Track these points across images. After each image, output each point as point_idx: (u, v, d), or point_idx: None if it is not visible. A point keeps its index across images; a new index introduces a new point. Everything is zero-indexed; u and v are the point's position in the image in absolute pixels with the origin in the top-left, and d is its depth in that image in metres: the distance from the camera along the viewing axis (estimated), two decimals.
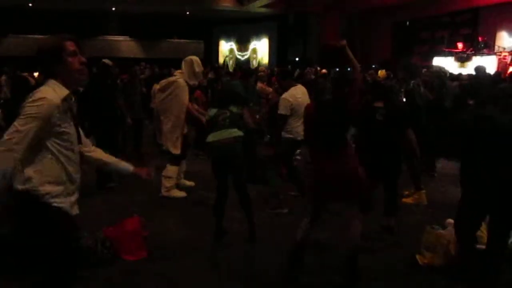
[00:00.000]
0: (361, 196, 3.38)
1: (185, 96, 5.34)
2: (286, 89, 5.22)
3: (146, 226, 3.99)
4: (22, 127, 2.04)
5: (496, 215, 3.11)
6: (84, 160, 2.44)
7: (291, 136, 5.13)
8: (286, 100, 5.09)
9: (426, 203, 5.26)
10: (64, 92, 2.17)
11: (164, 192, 5.41)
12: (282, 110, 5.10)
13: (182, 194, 5.51)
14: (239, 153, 4.09)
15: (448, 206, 4.04)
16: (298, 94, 5.16)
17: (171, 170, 5.44)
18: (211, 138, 4.10)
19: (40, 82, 2.46)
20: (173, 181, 5.47)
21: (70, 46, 2.20)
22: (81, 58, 2.23)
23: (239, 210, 4.24)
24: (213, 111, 4.20)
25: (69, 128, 2.21)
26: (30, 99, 2.09)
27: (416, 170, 5.40)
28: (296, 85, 5.31)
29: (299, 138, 5.00)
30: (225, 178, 4.16)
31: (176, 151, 5.36)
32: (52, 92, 2.13)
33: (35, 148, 2.11)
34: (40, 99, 2.08)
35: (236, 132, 4.06)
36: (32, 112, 2.06)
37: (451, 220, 3.68)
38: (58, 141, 2.16)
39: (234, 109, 4.14)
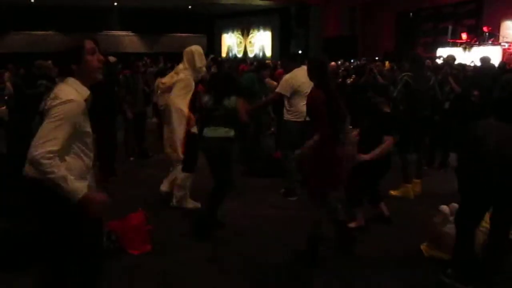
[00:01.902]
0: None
1: (186, 93, 4.64)
2: (289, 71, 5.26)
3: (149, 220, 4.00)
4: (56, 132, 2.06)
5: (498, 204, 3.11)
6: None
7: (297, 119, 5.05)
8: (287, 81, 5.15)
9: (412, 197, 5.26)
10: (86, 92, 2.22)
11: (175, 202, 4.88)
12: (281, 89, 5.14)
13: (195, 205, 4.90)
14: (226, 150, 4.10)
15: (451, 197, 4.03)
16: (301, 76, 5.03)
17: (181, 178, 4.85)
18: (206, 133, 4.13)
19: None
20: (184, 191, 4.88)
21: (90, 44, 2.24)
22: (100, 56, 2.29)
23: (241, 205, 4.24)
24: (209, 103, 4.18)
25: (88, 127, 2.28)
26: (58, 101, 2.09)
27: (406, 164, 5.39)
28: (299, 67, 5.24)
29: (302, 120, 4.92)
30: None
31: (178, 157, 4.69)
32: (76, 93, 2.17)
33: (62, 149, 2.13)
34: (69, 101, 2.10)
35: (228, 132, 4.08)
36: (62, 114, 2.08)
37: (445, 207, 3.72)
38: (80, 143, 2.23)
39: (228, 104, 4.07)
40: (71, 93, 2.14)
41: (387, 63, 10.98)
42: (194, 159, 4.78)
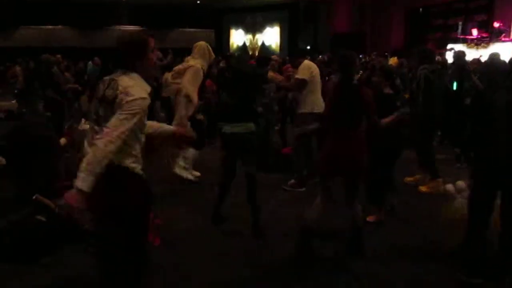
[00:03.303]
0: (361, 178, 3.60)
1: (195, 80, 5.05)
2: (298, 66, 5.27)
3: (157, 214, 4.01)
4: (125, 123, 2.17)
5: (509, 195, 3.09)
6: None
7: (312, 111, 5.07)
8: (306, 66, 5.18)
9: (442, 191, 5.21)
10: (149, 88, 2.31)
11: (176, 169, 5.42)
12: (302, 75, 5.12)
13: (191, 177, 5.50)
14: (254, 144, 4.09)
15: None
16: (312, 66, 5.28)
17: (190, 152, 5.45)
18: (226, 129, 4.06)
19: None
20: (188, 162, 5.50)
21: (151, 42, 2.32)
22: (158, 53, 2.35)
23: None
24: (234, 99, 4.08)
25: (146, 118, 2.38)
26: (131, 97, 2.18)
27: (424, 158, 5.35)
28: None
29: (317, 111, 4.97)
30: (234, 163, 4.19)
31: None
32: (144, 90, 2.26)
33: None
34: (142, 98, 2.21)
35: (252, 127, 4.04)
36: (136, 109, 2.19)
37: (450, 185, 3.77)
38: (139, 131, 2.32)
39: (267, 99, 4.07)
40: (141, 90, 2.23)
41: (392, 59, 10.85)
42: (202, 139, 5.37)
